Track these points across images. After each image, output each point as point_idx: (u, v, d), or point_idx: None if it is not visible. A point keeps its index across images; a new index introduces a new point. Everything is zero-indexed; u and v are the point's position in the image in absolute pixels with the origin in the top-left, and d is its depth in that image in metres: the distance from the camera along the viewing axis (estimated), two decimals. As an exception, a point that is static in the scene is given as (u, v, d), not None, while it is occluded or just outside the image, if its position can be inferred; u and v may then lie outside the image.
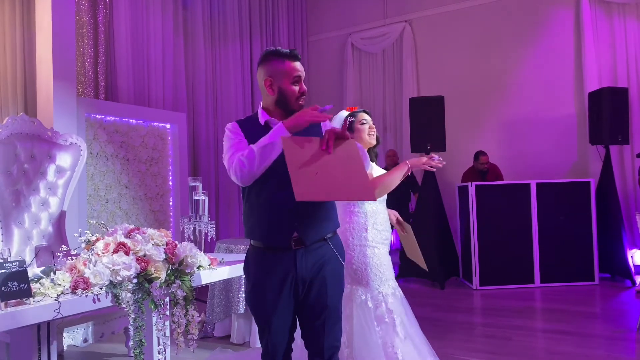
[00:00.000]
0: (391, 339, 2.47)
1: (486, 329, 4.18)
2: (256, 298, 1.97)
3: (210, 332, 3.97)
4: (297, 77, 1.96)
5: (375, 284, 2.55)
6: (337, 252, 2.00)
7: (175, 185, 5.79)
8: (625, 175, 6.35)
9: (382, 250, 2.63)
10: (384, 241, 2.66)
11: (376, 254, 2.59)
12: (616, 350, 3.50)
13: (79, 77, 5.17)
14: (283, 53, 1.96)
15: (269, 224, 1.93)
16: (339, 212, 2.55)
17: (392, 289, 2.61)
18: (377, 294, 2.55)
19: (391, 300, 2.57)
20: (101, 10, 5.47)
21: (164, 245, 2.10)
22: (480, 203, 5.67)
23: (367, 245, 2.58)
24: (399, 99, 7.75)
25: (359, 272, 2.55)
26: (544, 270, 5.61)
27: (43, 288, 1.78)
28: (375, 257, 2.59)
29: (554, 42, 6.80)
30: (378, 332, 2.48)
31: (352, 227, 2.59)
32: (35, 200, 3.23)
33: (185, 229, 2.93)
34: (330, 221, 2.01)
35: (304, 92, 1.98)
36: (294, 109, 1.97)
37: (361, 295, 2.53)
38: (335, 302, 1.98)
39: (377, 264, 2.58)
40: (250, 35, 7.44)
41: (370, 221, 2.61)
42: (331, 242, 1.99)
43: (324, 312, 1.95)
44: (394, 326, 2.51)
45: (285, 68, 1.95)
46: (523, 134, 6.93)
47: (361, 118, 2.69)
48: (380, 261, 2.60)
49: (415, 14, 7.72)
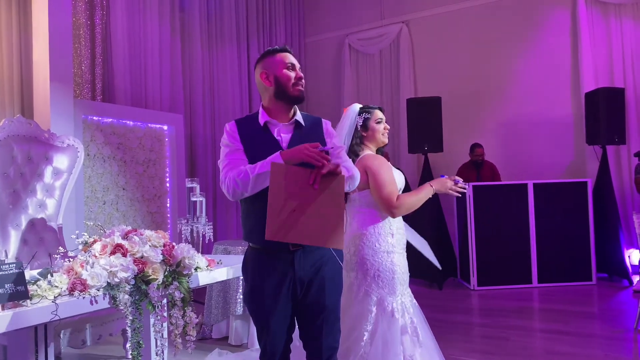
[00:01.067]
0: (412, 352, 2.37)
1: (484, 329, 4.19)
2: (254, 299, 1.98)
3: (208, 333, 3.96)
4: (290, 64, 2.00)
5: (399, 292, 2.45)
6: (336, 254, 2.00)
7: (172, 186, 5.78)
8: (622, 175, 6.36)
9: (404, 257, 2.55)
10: (404, 247, 2.58)
11: (402, 262, 2.50)
12: (614, 350, 3.51)
13: (76, 78, 5.16)
14: (274, 49, 2.03)
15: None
16: (361, 216, 2.50)
17: (410, 297, 2.53)
18: (401, 303, 2.45)
19: (412, 309, 2.48)
20: (98, 12, 5.46)
21: (161, 247, 2.09)
22: (477, 203, 5.68)
23: (394, 252, 2.47)
24: (396, 99, 7.76)
25: (386, 280, 2.43)
26: (541, 271, 5.62)
27: (40, 290, 1.77)
28: (401, 265, 2.49)
29: (551, 43, 6.81)
30: (399, 343, 2.37)
31: (377, 232, 2.47)
32: (32, 202, 3.22)
33: (183, 230, 2.93)
34: None
35: (300, 77, 2.00)
36: (292, 94, 1.99)
37: (387, 305, 2.41)
38: (334, 302, 1.98)
39: (402, 271, 2.49)
40: (248, 36, 7.44)
41: (394, 226, 2.51)
42: None
43: (322, 313, 1.96)
44: (417, 337, 2.41)
45: (278, 58, 2.00)
46: (520, 134, 6.94)
47: (377, 116, 2.60)
48: (405, 269, 2.52)
49: (412, 14, 7.73)
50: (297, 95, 1.99)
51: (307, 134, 2.00)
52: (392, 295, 2.43)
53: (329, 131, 2.09)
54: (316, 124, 2.08)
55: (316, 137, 2.01)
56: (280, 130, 2.00)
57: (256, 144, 1.98)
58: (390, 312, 2.41)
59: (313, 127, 2.05)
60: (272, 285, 1.93)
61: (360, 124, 2.59)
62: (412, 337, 2.40)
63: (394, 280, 2.44)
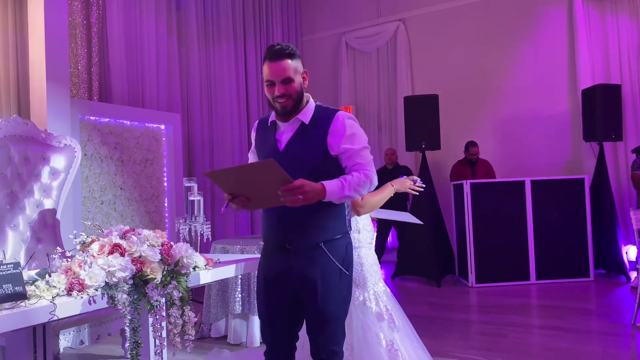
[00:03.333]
0: (391, 337, 2.51)
1: (482, 326, 4.20)
2: (257, 293, 2.13)
3: (206, 332, 3.96)
4: (268, 82, 1.94)
5: (370, 283, 2.59)
6: (334, 258, 1.98)
7: (170, 186, 5.78)
8: (619, 172, 6.38)
9: (372, 251, 2.69)
10: (371, 241, 2.72)
11: (369, 255, 2.64)
12: (611, 346, 3.52)
13: (73, 78, 5.15)
14: (266, 54, 1.96)
15: (265, 227, 2.08)
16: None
17: (383, 287, 2.66)
18: (374, 292, 2.59)
19: (385, 297, 2.61)
20: (94, 12, 5.45)
21: (159, 246, 2.09)
22: (475, 201, 5.68)
23: (360, 247, 2.61)
24: (393, 97, 7.76)
25: (355, 274, 2.56)
26: (539, 267, 5.63)
27: (38, 290, 1.77)
28: (368, 257, 2.63)
29: (548, 40, 6.82)
30: (378, 330, 2.51)
31: (353, 228, 2.60)
32: (30, 203, 3.21)
33: (181, 229, 2.92)
34: (325, 229, 1.98)
35: (278, 95, 1.91)
36: (276, 108, 1.97)
37: (359, 296, 2.56)
38: (329, 305, 1.97)
39: (370, 263, 2.62)
40: (245, 35, 7.43)
41: (360, 223, 2.63)
42: (327, 247, 1.97)
43: (317, 314, 1.98)
44: (393, 323, 2.55)
45: (265, 69, 1.96)
46: (517, 131, 6.95)
47: None
48: (373, 260, 2.65)
49: (408, 12, 7.73)
50: (279, 110, 1.96)
51: (308, 134, 1.96)
52: (363, 287, 2.58)
53: (338, 130, 1.94)
54: (325, 120, 1.96)
55: (318, 137, 1.94)
56: (284, 129, 2.01)
57: (262, 143, 2.08)
58: (362, 301, 2.56)
59: (318, 126, 1.96)
60: (269, 282, 2.04)
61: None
62: (389, 324, 2.55)
63: (362, 273, 2.58)
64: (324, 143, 1.94)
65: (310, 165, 1.92)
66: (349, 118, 1.97)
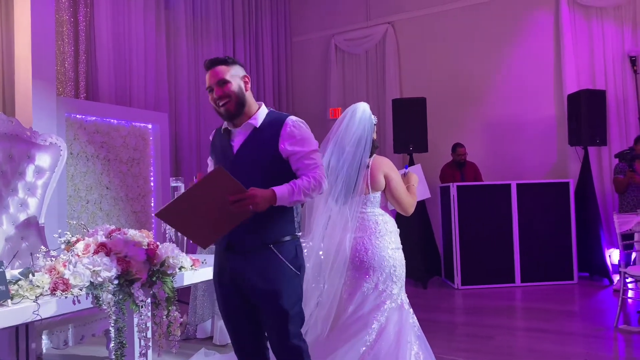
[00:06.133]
0: (418, 349, 2.50)
1: (468, 328, 4.23)
2: (216, 295, 2.19)
3: (192, 333, 3.94)
4: (208, 87, 2.04)
5: (403, 286, 2.60)
6: (284, 258, 1.99)
7: (157, 185, 5.74)
8: (603, 176, 6.46)
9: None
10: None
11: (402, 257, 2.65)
12: (595, 348, 3.57)
13: (59, 76, 5.10)
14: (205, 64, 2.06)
15: None
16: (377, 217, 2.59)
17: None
18: (406, 297, 2.61)
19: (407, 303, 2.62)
20: (81, 9, 5.40)
21: (145, 246, 2.08)
22: (461, 203, 5.72)
23: (400, 248, 2.64)
24: (382, 100, 7.78)
25: (398, 274, 2.56)
26: (524, 270, 5.68)
27: (21, 290, 1.75)
28: (404, 260, 2.65)
29: (534, 45, 6.89)
30: (412, 335, 2.50)
31: (394, 229, 2.63)
32: (14, 201, 3.17)
33: (167, 230, 2.90)
34: (272, 231, 1.99)
35: (217, 97, 2.00)
36: (221, 114, 2.04)
37: (397, 298, 2.54)
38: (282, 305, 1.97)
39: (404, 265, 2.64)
40: (234, 35, 7.41)
41: (394, 225, 2.65)
42: (277, 248, 1.99)
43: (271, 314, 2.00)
44: (417, 328, 2.56)
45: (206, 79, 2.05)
46: (504, 135, 7.01)
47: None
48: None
49: (397, 15, 7.76)
50: (224, 114, 2.03)
51: (260, 138, 2.01)
52: (401, 289, 2.59)
53: (288, 133, 1.99)
54: (276, 124, 2.01)
55: (269, 140, 1.99)
56: (236, 134, 2.06)
57: (217, 150, 2.14)
58: (400, 304, 2.55)
59: (270, 129, 2.01)
60: (217, 281, 2.13)
61: (374, 124, 2.69)
62: (417, 330, 2.58)
63: (403, 274, 2.60)
64: (275, 146, 1.99)
65: (262, 168, 1.98)
66: (299, 122, 2.04)
